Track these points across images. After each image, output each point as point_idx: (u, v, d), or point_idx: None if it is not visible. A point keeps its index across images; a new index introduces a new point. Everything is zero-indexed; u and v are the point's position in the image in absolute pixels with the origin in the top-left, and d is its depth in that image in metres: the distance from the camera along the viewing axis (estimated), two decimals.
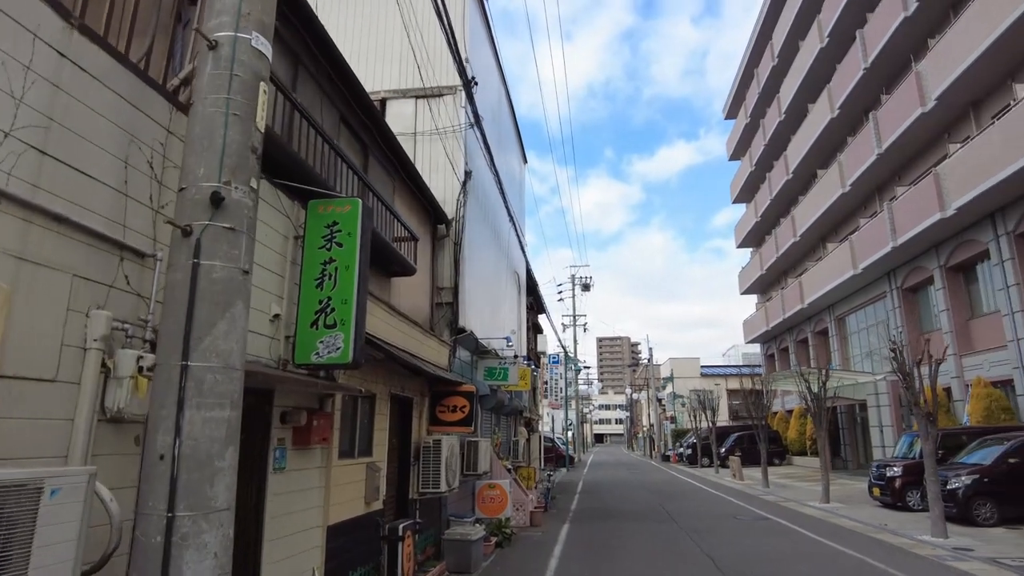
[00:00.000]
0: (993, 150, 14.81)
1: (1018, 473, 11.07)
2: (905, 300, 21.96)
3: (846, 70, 23.30)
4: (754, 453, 31.62)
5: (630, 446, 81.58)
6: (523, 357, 13.75)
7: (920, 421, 10.56)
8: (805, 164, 28.74)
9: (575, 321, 40.88)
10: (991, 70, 15.88)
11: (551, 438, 36.06)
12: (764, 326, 35.25)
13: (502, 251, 13.90)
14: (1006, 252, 16.28)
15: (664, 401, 51.61)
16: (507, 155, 16.34)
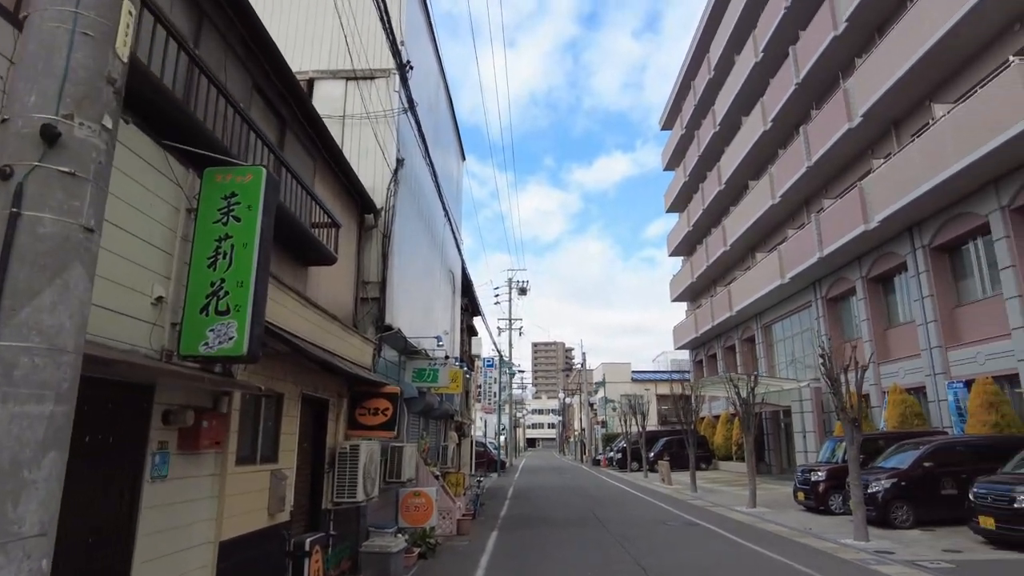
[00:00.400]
0: (913, 167, 15.40)
1: (932, 477, 11.40)
2: (829, 309, 22.70)
3: (779, 85, 23.98)
4: (682, 457, 32.10)
5: (561, 450, 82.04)
6: (455, 359, 13.23)
7: (846, 426, 10.69)
8: (737, 175, 29.48)
9: (511, 325, 40.62)
10: (911, 91, 16.55)
11: (483, 443, 35.59)
12: (693, 333, 35.97)
13: (436, 247, 13.36)
14: (922, 265, 16.99)
15: (596, 406, 52.06)
16: (444, 149, 15.83)
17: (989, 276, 15.28)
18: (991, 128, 12.84)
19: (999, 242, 14.22)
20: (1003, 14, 13.77)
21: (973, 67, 15.05)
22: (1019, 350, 13.63)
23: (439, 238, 13.65)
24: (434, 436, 14.36)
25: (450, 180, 16.00)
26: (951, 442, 11.97)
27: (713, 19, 32.04)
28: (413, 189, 10.87)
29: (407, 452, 9.20)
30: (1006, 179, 13.92)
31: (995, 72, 13.54)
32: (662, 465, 24.91)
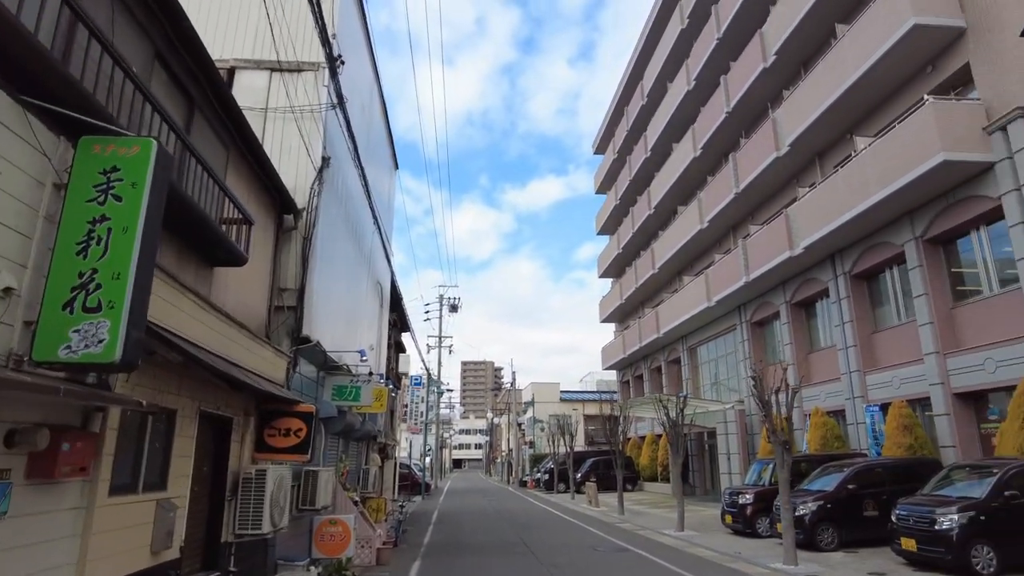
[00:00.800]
0: (837, 196, 15.94)
1: (856, 499, 11.54)
2: (754, 333, 23.24)
3: (710, 113, 24.65)
4: (609, 478, 32.07)
5: (488, 471, 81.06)
6: (380, 376, 12.42)
7: (777, 448, 10.66)
8: (667, 200, 30.08)
9: (440, 342, 39.76)
10: (835, 124, 17.22)
11: (408, 464, 34.42)
12: (622, 353, 36.27)
13: (363, 257, 12.63)
14: (843, 291, 17.57)
15: (524, 426, 51.66)
16: (376, 156, 15.15)
17: (904, 303, 15.92)
18: (908, 162, 13.40)
19: (913, 271, 14.83)
20: (916, 58, 14.51)
21: (891, 104, 15.79)
22: (931, 375, 14.17)
23: (367, 247, 12.93)
24: (355, 459, 13.46)
25: (382, 189, 15.33)
26: (872, 464, 12.21)
27: (648, 47, 32.84)
28: (340, 192, 10.17)
29: (323, 477, 8.40)
30: (920, 211, 14.57)
31: (911, 109, 14.21)
32: (589, 487, 24.68)
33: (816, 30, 18.19)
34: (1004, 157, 12.52)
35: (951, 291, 14.46)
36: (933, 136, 12.78)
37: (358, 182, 10.96)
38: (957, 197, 13.64)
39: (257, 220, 7.02)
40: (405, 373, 33.73)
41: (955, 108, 13.07)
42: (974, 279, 13.97)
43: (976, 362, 13.18)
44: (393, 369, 20.69)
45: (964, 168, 12.91)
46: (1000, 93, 12.85)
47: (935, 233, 14.39)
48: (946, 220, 14.04)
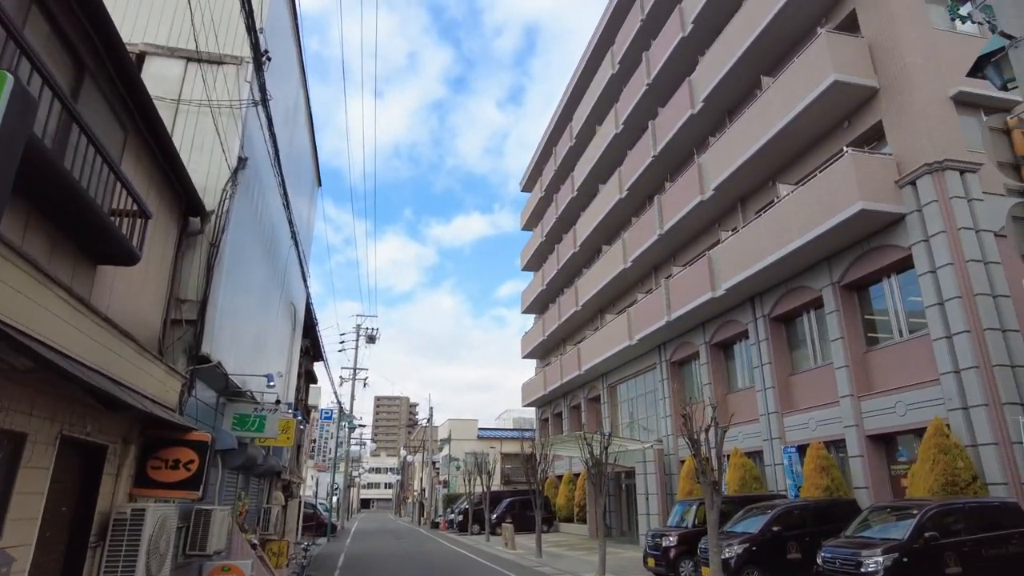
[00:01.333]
0: (759, 240, 16.36)
1: (780, 541, 11.42)
2: (673, 372, 23.45)
3: (637, 156, 25.19)
4: (525, 519, 31.29)
5: (398, 512, 78.03)
6: (288, 405, 11.29)
7: (706, 489, 10.40)
8: (592, 239, 30.39)
9: (355, 374, 38.03)
10: (758, 170, 17.84)
11: (313, 504, 32.28)
12: (542, 390, 35.93)
13: (277, 274, 11.62)
14: (762, 333, 17.96)
15: (439, 464, 50.07)
16: (298, 169, 14.23)
17: (820, 347, 16.39)
18: (828, 209, 13.91)
19: (831, 315, 15.31)
20: (834, 113, 15.28)
21: (811, 154, 16.51)
22: (846, 417, 14.52)
23: (282, 263, 11.93)
24: (255, 497, 12.12)
25: (302, 205, 14.37)
26: (795, 506, 12.19)
27: (578, 90, 33.57)
28: (255, 200, 9.27)
29: (217, 517, 7.30)
30: (838, 257, 15.13)
31: (830, 160, 14.85)
32: (506, 528, 23.80)
33: (743, 80, 18.98)
34: (914, 209, 13.20)
35: (864, 336, 15.00)
36: (852, 185, 13.32)
37: (276, 191, 10.09)
38: (872, 245, 14.25)
39: (156, 217, 6.09)
40: (315, 406, 31.88)
41: (871, 161, 13.73)
42: (886, 325, 14.54)
43: (888, 405, 13.60)
44: (302, 400, 19.30)
45: (879, 217, 13.51)
46: (909, 150, 13.63)
47: (851, 279, 14.95)
48: (861, 267, 14.62)
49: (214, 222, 7.39)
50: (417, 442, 63.65)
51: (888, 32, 14.52)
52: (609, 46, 29.18)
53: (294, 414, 11.40)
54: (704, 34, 20.91)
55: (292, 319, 13.48)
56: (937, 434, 11.61)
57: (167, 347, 6.77)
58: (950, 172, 12.85)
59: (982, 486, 11.14)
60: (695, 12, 20.77)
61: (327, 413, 30.05)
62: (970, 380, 11.69)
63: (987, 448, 11.29)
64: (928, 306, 12.70)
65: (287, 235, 11.71)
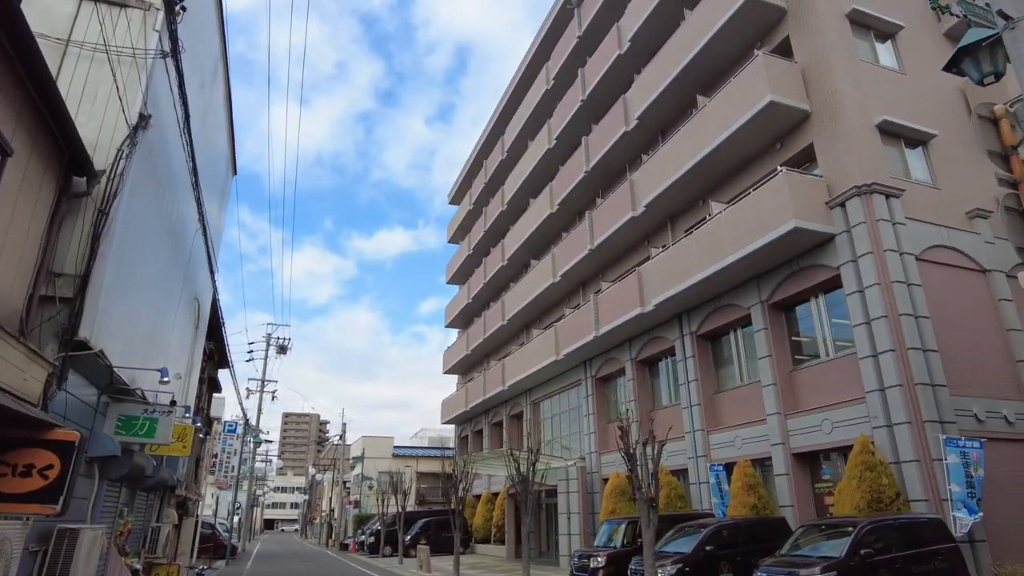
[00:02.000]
0: (691, 256, 16.36)
1: (712, 560, 11.09)
2: (598, 389, 23.19)
3: (569, 171, 25.05)
4: (441, 540, 30.04)
5: (304, 533, 74.22)
6: (186, 408, 9.92)
7: (642, 507, 9.91)
8: (521, 253, 30.01)
9: (263, 386, 35.72)
10: (690, 188, 17.95)
11: (212, 524, 29.77)
12: (463, 407, 35.00)
13: (180, 263, 10.31)
14: (689, 350, 17.95)
15: (350, 483, 47.87)
16: (211, 149, 12.93)
17: (747, 365, 16.49)
18: (762, 226, 14.01)
19: (759, 333, 15.41)
20: (768, 134, 15.56)
21: (744, 174, 16.73)
22: (773, 435, 14.55)
23: (186, 251, 10.61)
24: (142, 514, 10.58)
25: (213, 191, 13.03)
26: (726, 524, 11.93)
27: (511, 104, 33.36)
28: (158, 170, 8.09)
29: (85, 538, 6.04)
30: (767, 276, 15.29)
31: (764, 179, 15.05)
32: (421, 550, 22.59)
33: (678, 99, 19.17)
34: (843, 230, 13.47)
35: (791, 355, 15.17)
36: (786, 203, 13.46)
37: (184, 164, 8.91)
38: (801, 265, 14.45)
39: (23, 164, 4.96)
40: (218, 418, 29.54)
41: (804, 181, 13.97)
42: (812, 344, 14.75)
43: (814, 423, 13.70)
44: (204, 409, 17.55)
45: (810, 236, 13.71)
46: (838, 172, 13.96)
47: (780, 298, 15.11)
48: (790, 286, 14.80)
49: (105, 185, 6.24)
50: (327, 460, 60.85)
51: (820, 60, 14.95)
52: (544, 61, 29.15)
53: (193, 420, 10.06)
54: (641, 52, 21.09)
55: (195, 316, 12.06)
56: (863, 451, 11.69)
57: (33, 328, 5.55)
58: (877, 196, 13.21)
59: (904, 503, 11.26)
60: (633, 30, 20.93)
61: (231, 426, 27.84)
62: (894, 398, 11.88)
63: (909, 465, 11.45)
64: (855, 325, 12.91)
65: (194, 218, 10.44)
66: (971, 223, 14.46)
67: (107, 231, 6.12)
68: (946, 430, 11.52)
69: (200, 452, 18.03)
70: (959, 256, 13.87)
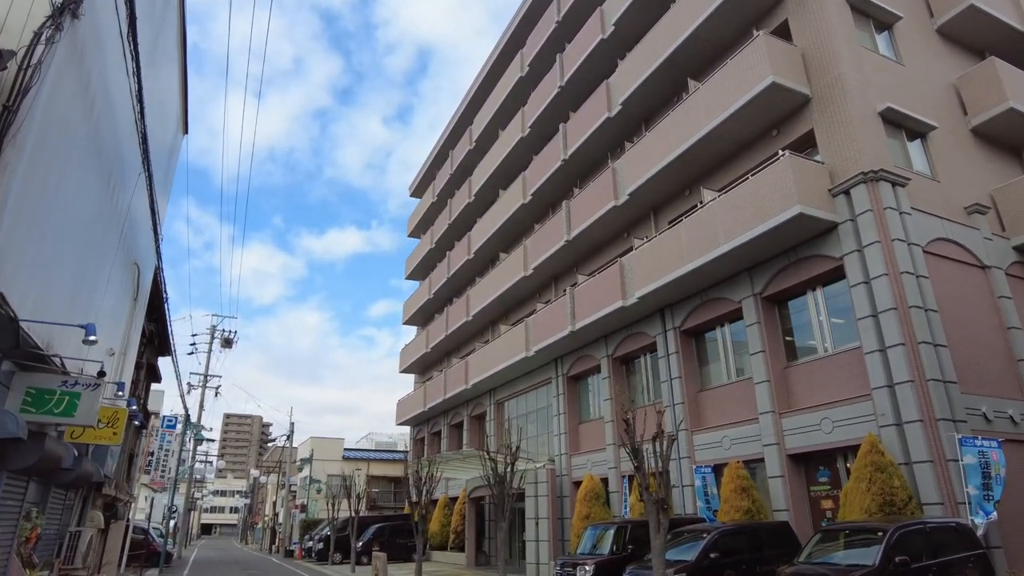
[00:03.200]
0: (679, 246, 15.46)
1: (718, 568, 10.06)
2: (569, 387, 22.13)
3: (544, 161, 24.00)
4: (395, 547, 28.39)
5: (244, 539, 70.77)
6: (119, 386, 8.19)
7: (649, 509, 8.81)
8: (488, 247, 28.80)
9: (206, 381, 33.29)
10: (679, 176, 17.10)
11: (144, 528, 27.33)
12: (421, 407, 33.45)
13: (118, 214, 8.68)
14: (672, 346, 17.05)
15: (295, 487, 45.50)
16: (161, 97, 11.26)
17: (736, 361, 15.67)
18: (762, 212, 13.18)
19: (751, 327, 14.59)
20: (765, 119, 14.82)
21: (736, 162, 15.96)
22: (766, 435, 13.72)
23: (125, 200, 8.98)
24: (58, 516, 8.83)
25: (162, 143, 11.33)
26: (729, 530, 10.90)
27: (481, 93, 32.17)
28: (91, 85, 6.54)
29: None
30: (761, 268, 14.51)
31: (764, 163, 14.27)
32: (377, 557, 20.95)
33: (666, 85, 18.36)
34: (848, 219, 12.77)
35: (785, 350, 14.40)
36: (790, 189, 12.67)
37: (127, 96, 7.36)
38: (799, 255, 13.70)
39: None
40: (156, 413, 27.19)
41: (807, 167, 13.22)
42: (809, 338, 13.99)
43: (812, 422, 12.91)
44: (141, 399, 15.64)
45: (813, 225, 12.95)
46: (840, 160, 13.29)
47: (774, 291, 14.34)
48: (786, 278, 14.04)
49: (16, 77, 4.74)
50: (271, 462, 58.02)
51: (821, 44, 14.30)
52: (519, 48, 28.09)
53: (128, 403, 8.43)
54: (626, 37, 20.25)
55: (134, 285, 10.36)
56: (872, 451, 10.91)
57: None
58: (884, 183, 12.55)
59: (918, 506, 10.51)
60: (618, 14, 20.05)
61: (170, 420, 25.55)
62: (905, 395, 11.15)
63: (922, 466, 10.71)
64: (860, 318, 12.18)
65: (136, 168, 8.83)
66: (970, 218, 14.02)
67: (15, 135, 4.63)
68: (959, 429, 10.85)
69: (134, 447, 16.08)
70: (961, 251, 13.37)
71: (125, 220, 9.09)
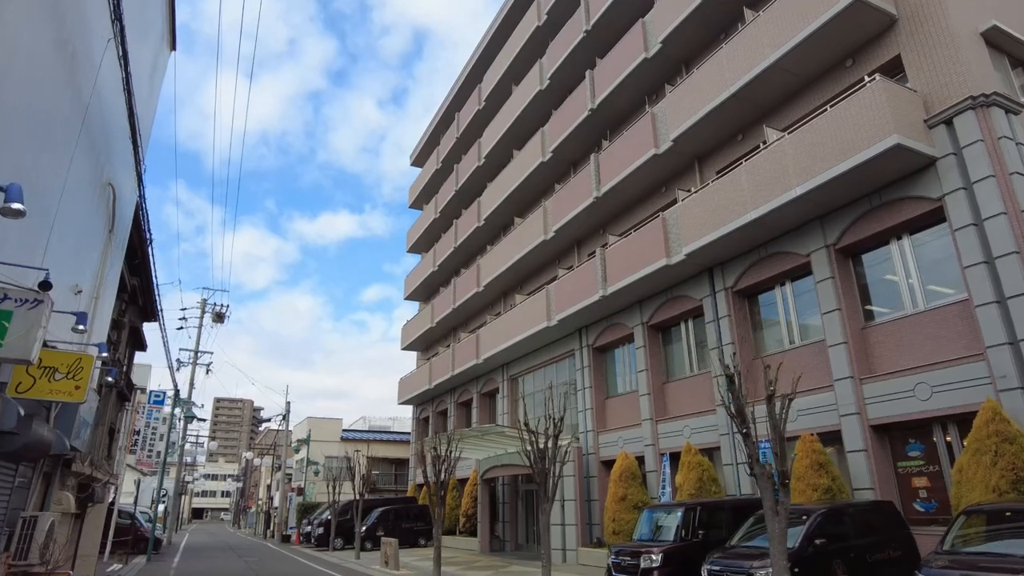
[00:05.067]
0: (738, 194, 13.61)
1: (826, 558, 8.30)
2: (595, 359, 20.34)
3: (566, 115, 22.04)
4: (400, 532, 26.72)
5: (237, 523, 69.15)
6: (80, 318, 6.11)
7: (762, 486, 7.01)
8: (501, 211, 26.86)
9: (197, 357, 31.28)
10: (733, 117, 15.22)
11: (131, 513, 25.46)
12: (426, 384, 31.62)
13: (79, 109, 6.68)
14: (722, 309, 15.26)
15: (292, 470, 43.73)
16: (142, 6, 9.22)
17: (800, 323, 13.88)
18: (846, 146, 11.32)
19: (823, 283, 12.81)
20: (840, 45, 12.93)
21: (801, 99, 14.09)
22: (844, 404, 12.00)
23: (88, 84, 6.96)
24: (5, 497, 6.89)
25: (142, 61, 9.26)
26: (834, 511, 9.11)
27: (491, 49, 30.02)
28: None
29: None
30: (836, 215, 12.70)
31: (842, 94, 12.39)
32: (387, 543, 19.24)
33: (717, 16, 16.36)
34: (949, 152, 10.93)
35: (862, 308, 12.63)
36: (885, 117, 10.79)
37: None
38: (884, 199, 11.88)
39: None
40: (143, 388, 25.19)
41: (901, 93, 11.33)
42: (892, 294, 12.20)
43: (901, 388, 11.17)
44: (122, 364, 13.65)
45: (908, 160, 11.10)
46: (938, 86, 11.42)
47: (850, 241, 12.53)
48: (867, 225, 12.22)
49: None
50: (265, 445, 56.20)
51: None
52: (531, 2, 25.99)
53: (100, 348, 6.50)
54: None
55: (108, 212, 8.37)
56: (994, 419, 9.16)
57: None
58: (996, 109, 10.71)
59: None
60: None
61: (158, 396, 23.60)
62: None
63: None
64: (968, 266, 10.39)
65: (118, 74, 6.82)
66: None
67: None
68: None
69: (116, 420, 14.14)
70: None
71: (98, 125, 7.09)
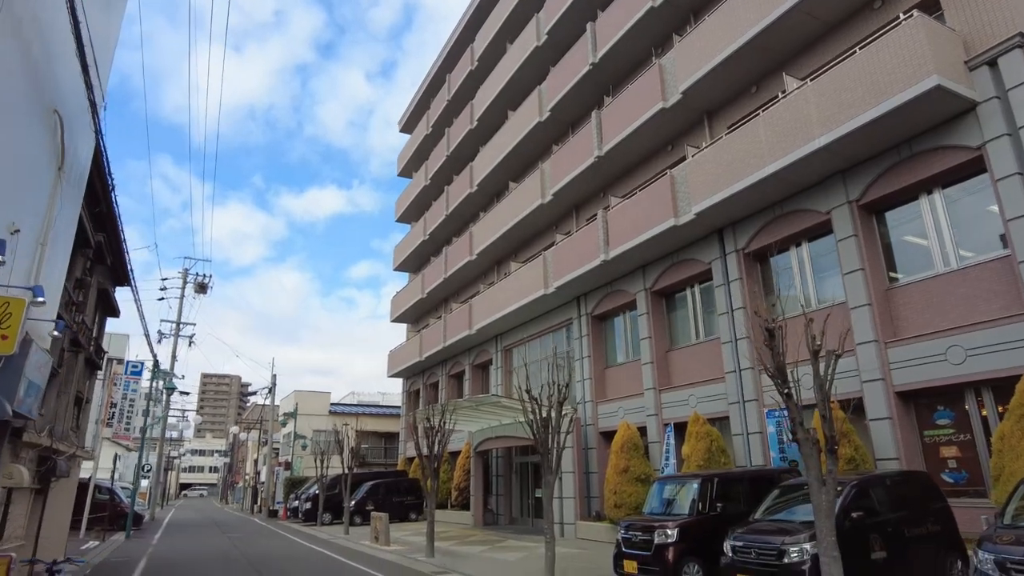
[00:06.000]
0: (755, 146, 12.67)
1: (862, 533, 7.54)
2: (594, 328, 19.52)
3: (564, 71, 20.89)
4: (391, 506, 26.04)
5: (224, 498, 68.57)
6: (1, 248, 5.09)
7: (807, 453, 6.20)
8: (494, 176, 25.77)
9: (179, 329, 30.16)
10: (743, 68, 14.23)
11: (109, 488, 24.54)
12: (417, 356, 30.77)
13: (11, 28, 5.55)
14: (733, 272, 14.42)
15: (279, 444, 42.94)
16: None
17: (818, 284, 13.08)
18: (877, 91, 10.38)
19: (844, 242, 11.97)
20: None
21: (823, 45, 13.11)
22: (867, 369, 11.26)
23: (36, 22, 5.81)
24: None
25: None
26: (870, 481, 8.33)
27: (483, 7, 28.59)
28: None
29: None
30: (860, 168, 11.81)
31: (882, 30, 11.38)
32: (377, 518, 18.49)
33: None
34: (991, 96, 10.03)
35: (886, 269, 11.82)
36: (924, 54, 9.84)
37: None
38: (915, 150, 10.98)
39: None
40: (119, 359, 24.12)
41: (940, 30, 10.37)
42: (918, 253, 11.38)
43: (931, 352, 10.42)
44: (88, 329, 12.59)
45: (947, 105, 10.18)
46: (980, 25, 10.47)
47: (876, 196, 11.66)
48: (895, 178, 11.34)
49: None
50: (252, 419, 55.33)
51: None
52: None
53: (35, 292, 5.51)
54: None
55: (55, 142, 7.26)
56: None
57: None
58: None
59: None
60: None
61: (135, 367, 22.51)
62: None
63: None
64: (1011, 219, 9.56)
65: None
66: None
67: None
68: None
69: (84, 388, 13.13)
70: None
71: (36, 34, 5.97)
